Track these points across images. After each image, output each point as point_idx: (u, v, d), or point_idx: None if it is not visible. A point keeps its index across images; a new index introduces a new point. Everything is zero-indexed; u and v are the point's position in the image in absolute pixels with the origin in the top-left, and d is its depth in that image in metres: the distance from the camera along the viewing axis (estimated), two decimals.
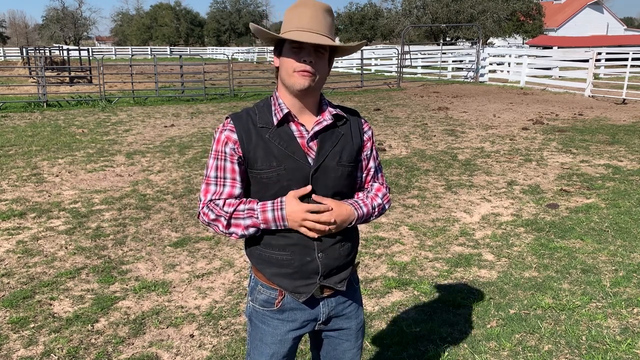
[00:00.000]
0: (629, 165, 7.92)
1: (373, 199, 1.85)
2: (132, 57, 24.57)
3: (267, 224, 1.69)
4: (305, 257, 1.75)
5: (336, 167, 1.75)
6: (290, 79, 1.68)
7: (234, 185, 1.74)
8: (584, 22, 50.74)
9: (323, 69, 1.71)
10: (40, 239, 5.06)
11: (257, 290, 1.85)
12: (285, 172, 1.70)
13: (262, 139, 1.71)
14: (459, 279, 4.19)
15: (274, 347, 1.85)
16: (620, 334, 3.36)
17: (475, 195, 6.43)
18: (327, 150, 1.74)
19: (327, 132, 1.76)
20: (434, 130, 11.06)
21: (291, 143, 1.71)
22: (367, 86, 20.94)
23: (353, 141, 1.81)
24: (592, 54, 17.96)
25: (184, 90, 17.89)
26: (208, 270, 4.37)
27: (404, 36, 24.33)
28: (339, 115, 1.80)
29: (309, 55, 1.65)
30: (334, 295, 1.86)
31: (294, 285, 1.78)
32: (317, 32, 1.66)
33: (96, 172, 7.60)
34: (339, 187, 1.78)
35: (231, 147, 1.72)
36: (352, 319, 1.92)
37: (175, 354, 3.20)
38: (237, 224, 1.70)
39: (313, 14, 1.67)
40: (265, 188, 1.73)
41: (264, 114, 1.75)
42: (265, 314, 1.84)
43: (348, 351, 1.95)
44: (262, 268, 1.81)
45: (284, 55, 1.69)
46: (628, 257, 4.56)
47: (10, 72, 24.26)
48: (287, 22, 1.71)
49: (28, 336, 3.37)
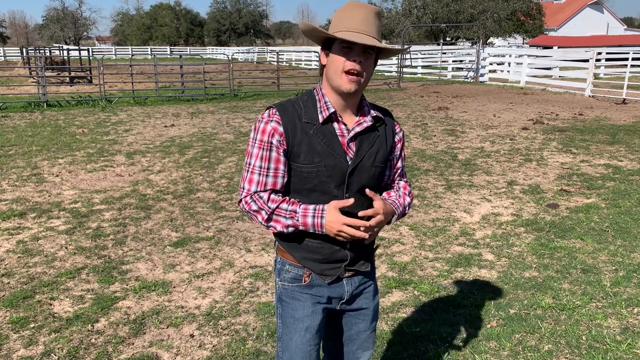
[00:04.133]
0: (629, 165, 7.92)
1: (404, 198, 1.95)
2: (132, 57, 24.58)
3: (306, 227, 1.76)
4: (334, 247, 1.84)
5: (370, 168, 1.83)
6: (338, 79, 1.74)
7: (276, 175, 1.80)
8: (584, 22, 50.75)
9: (370, 69, 1.77)
10: (41, 239, 5.06)
11: (284, 270, 1.93)
12: (325, 169, 1.77)
13: (306, 134, 1.77)
14: (459, 279, 4.19)
15: (307, 321, 1.91)
16: (620, 334, 3.36)
17: (476, 195, 6.43)
18: (364, 150, 1.82)
19: (366, 133, 1.83)
20: (434, 130, 11.06)
21: (333, 141, 1.78)
22: (367, 86, 20.91)
23: (387, 142, 1.89)
24: (592, 54, 17.95)
25: (184, 90, 17.89)
26: (208, 270, 4.37)
27: (404, 36, 24.32)
28: (378, 117, 1.87)
29: (358, 55, 1.71)
30: (357, 275, 1.95)
31: (320, 268, 1.87)
32: (367, 34, 1.71)
33: (96, 172, 7.60)
34: (370, 185, 1.85)
35: (277, 139, 1.77)
36: (370, 299, 2.01)
37: (175, 354, 3.20)
38: (277, 220, 1.77)
39: (364, 16, 1.73)
40: (304, 181, 1.79)
41: (310, 110, 1.80)
42: (294, 289, 1.92)
43: (363, 332, 2.03)
44: (291, 251, 1.89)
45: (332, 54, 1.74)
46: (628, 257, 4.56)
47: (11, 72, 24.25)
48: (337, 22, 1.76)
49: (28, 336, 3.37)
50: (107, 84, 18.61)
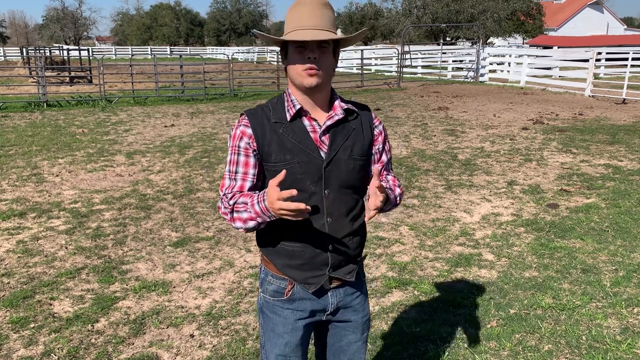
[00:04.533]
0: (629, 165, 7.92)
1: (395, 189, 1.90)
2: (132, 57, 24.58)
3: (260, 216, 1.67)
4: (316, 249, 1.80)
5: (348, 161, 1.80)
6: (298, 77, 1.73)
7: (245, 179, 1.79)
8: (584, 22, 50.75)
9: (328, 62, 1.74)
10: (41, 238, 5.06)
11: (267, 281, 1.90)
12: (298, 166, 1.75)
13: (276, 133, 1.76)
14: (459, 278, 4.20)
15: (286, 337, 1.90)
16: (620, 334, 3.36)
17: (476, 195, 6.43)
18: (338, 143, 1.79)
19: (339, 126, 1.81)
20: (434, 130, 11.06)
21: (304, 137, 1.76)
22: (367, 86, 20.95)
23: (364, 135, 1.86)
24: (592, 54, 17.95)
25: (184, 90, 17.88)
26: (208, 270, 4.37)
27: (404, 36, 24.33)
28: (350, 109, 1.84)
29: (313, 52, 1.69)
30: (342, 286, 1.91)
31: (303, 276, 1.83)
32: (317, 28, 1.69)
33: (96, 172, 7.60)
34: (352, 181, 1.83)
35: (246, 141, 1.78)
36: (358, 311, 1.97)
37: (175, 354, 3.20)
38: (238, 217, 1.73)
39: (311, 10, 1.70)
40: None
41: (278, 110, 1.80)
42: (275, 304, 1.90)
43: (353, 343, 1.99)
44: (272, 259, 1.86)
45: (289, 55, 1.74)
46: (628, 257, 4.56)
47: (11, 72, 24.24)
48: (288, 22, 1.75)
49: (28, 336, 3.37)
50: (107, 84, 18.61)
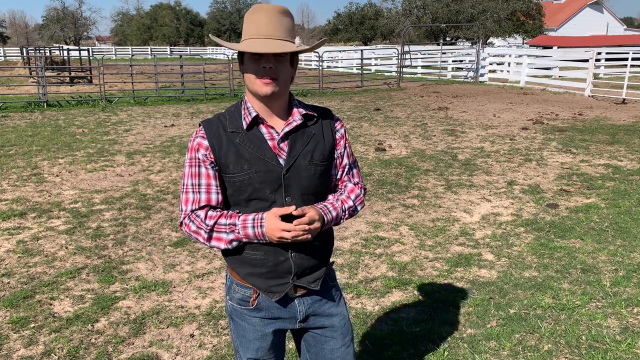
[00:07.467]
0: (629, 165, 7.92)
1: (344, 201, 1.85)
2: (132, 57, 24.57)
3: (248, 238, 1.71)
4: (278, 257, 1.77)
5: (308, 167, 1.76)
6: (253, 85, 1.70)
7: (209, 190, 1.76)
8: (584, 22, 50.71)
9: (285, 72, 1.71)
10: (41, 238, 5.06)
11: (232, 289, 1.89)
12: (256, 175, 1.72)
13: (233, 143, 1.73)
14: (459, 278, 4.20)
15: (257, 343, 1.89)
16: (620, 334, 3.36)
17: (475, 195, 6.43)
18: (298, 150, 1.76)
19: (298, 132, 1.78)
20: (434, 130, 11.06)
21: (262, 146, 1.73)
22: (367, 86, 20.94)
23: (325, 140, 1.82)
24: (592, 54, 17.95)
25: (184, 90, 17.89)
26: (208, 270, 4.37)
27: (404, 36, 24.33)
28: (308, 115, 1.81)
29: (269, 61, 1.66)
30: (309, 294, 1.87)
31: (267, 284, 1.80)
32: (274, 38, 1.66)
33: (96, 172, 7.60)
34: (313, 187, 1.79)
35: (203, 152, 1.74)
36: (332, 316, 1.92)
37: (175, 354, 3.20)
38: (219, 237, 1.72)
39: (268, 19, 1.67)
40: (239, 191, 1.75)
41: (234, 119, 1.77)
42: (243, 312, 1.88)
43: (336, 349, 1.94)
44: (236, 267, 1.84)
45: (245, 63, 1.71)
46: (628, 257, 4.56)
47: (11, 72, 24.25)
48: (245, 27, 1.72)
49: (28, 336, 3.38)
50: (107, 84, 18.61)
